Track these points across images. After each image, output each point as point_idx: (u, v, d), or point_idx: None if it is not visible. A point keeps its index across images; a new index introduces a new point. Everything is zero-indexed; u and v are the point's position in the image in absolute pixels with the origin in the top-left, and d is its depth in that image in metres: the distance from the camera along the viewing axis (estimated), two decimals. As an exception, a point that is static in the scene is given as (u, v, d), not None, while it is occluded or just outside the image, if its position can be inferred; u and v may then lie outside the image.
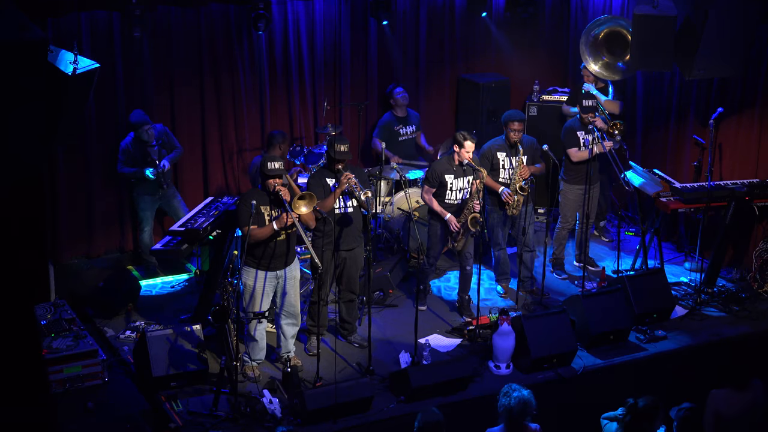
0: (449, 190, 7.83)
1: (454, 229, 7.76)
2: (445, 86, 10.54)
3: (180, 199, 8.91)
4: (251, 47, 9.26)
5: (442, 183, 7.83)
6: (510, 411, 5.59)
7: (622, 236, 9.37)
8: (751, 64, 8.69)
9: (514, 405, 5.58)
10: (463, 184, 7.83)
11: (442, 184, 7.83)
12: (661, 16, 8.00)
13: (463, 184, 7.83)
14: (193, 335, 6.98)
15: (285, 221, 6.71)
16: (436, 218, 7.93)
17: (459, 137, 7.73)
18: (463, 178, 7.82)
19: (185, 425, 6.38)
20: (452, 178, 7.82)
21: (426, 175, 8.06)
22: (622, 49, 9.30)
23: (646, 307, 7.84)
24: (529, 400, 5.61)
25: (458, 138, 7.74)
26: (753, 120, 8.85)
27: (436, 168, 7.88)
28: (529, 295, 8.39)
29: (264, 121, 9.52)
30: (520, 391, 5.64)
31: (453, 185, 7.82)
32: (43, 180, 4.56)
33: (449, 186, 7.82)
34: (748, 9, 8.02)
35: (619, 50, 9.34)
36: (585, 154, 8.52)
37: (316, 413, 6.36)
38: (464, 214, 7.74)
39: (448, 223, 7.79)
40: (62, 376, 6.57)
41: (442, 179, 7.82)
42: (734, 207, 8.30)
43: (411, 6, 10.06)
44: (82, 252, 8.91)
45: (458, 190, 7.84)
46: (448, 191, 7.84)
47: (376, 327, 7.60)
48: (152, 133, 8.48)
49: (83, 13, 8.23)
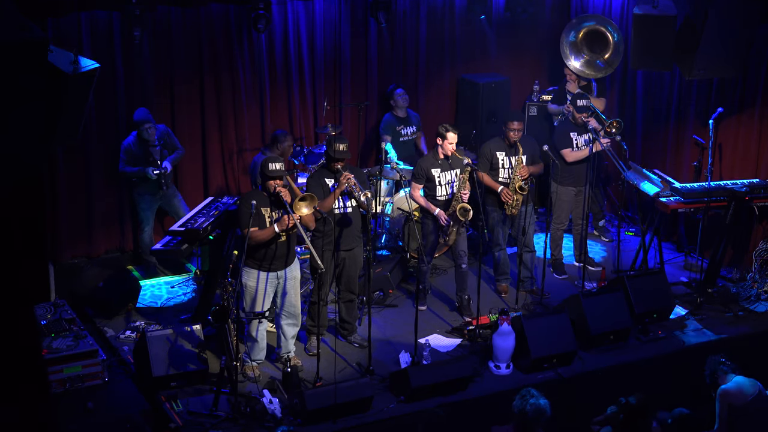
0: (438, 185, 7.84)
1: (443, 223, 7.77)
2: (445, 86, 10.54)
3: (180, 198, 8.92)
4: (251, 47, 9.27)
5: (429, 178, 7.84)
6: (524, 415, 5.58)
7: (622, 236, 9.38)
8: (751, 64, 8.69)
9: (529, 410, 5.55)
10: (450, 177, 7.84)
11: (430, 179, 7.84)
12: (661, 16, 8.01)
13: (450, 177, 7.84)
14: (193, 335, 6.98)
15: (287, 223, 6.71)
16: (427, 215, 7.94)
17: (441, 129, 7.78)
18: (449, 171, 7.84)
19: (185, 425, 6.38)
20: (439, 171, 7.83)
21: (413, 172, 8.08)
22: (602, 47, 9.39)
23: (646, 307, 7.83)
24: (545, 410, 5.58)
25: (440, 131, 7.78)
26: (753, 120, 8.85)
27: (422, 164, 7.90)
28: (529, 295, 8.39)
29: (264, 120, 9.52)
30: (538, 399, 5.59)
31: (440, 179, 7.83)
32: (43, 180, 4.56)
33: (437, 180, 7.83)
34: (748, 9, 8.02)
35: (598, 48, 9.41)
36: (579, 154, 8.53)
37: (316, 413, 6.36)
38: (452, 205, 7.75)
39: (438, 218, 7.80)
40: (62, 376, 6.56)
41: (429, 174, 7.83)
42: (734, 207, 8.30)
43: (411, 6, 10.07)
44: (82, 252, 8.91)
45: (446, 183, 7.85)
46: (437, 186, 7.85)
47: (376, 327, 7.60)
48: (153, 132, 8.48)
49: (83, 13, 8.24)
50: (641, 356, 7.49)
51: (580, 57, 9.50)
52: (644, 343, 7.64)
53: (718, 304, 8.24)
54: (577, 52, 9.50)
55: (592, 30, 9.53)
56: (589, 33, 9.53)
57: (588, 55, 9.43)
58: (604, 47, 9.49)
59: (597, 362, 7.35)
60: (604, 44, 9.50)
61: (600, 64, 9.36)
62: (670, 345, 7.64)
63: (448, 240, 7.89)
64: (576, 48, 9.50)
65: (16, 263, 3.74)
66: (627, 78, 10.13)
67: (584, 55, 9.44)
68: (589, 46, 9.52)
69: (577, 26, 9.67)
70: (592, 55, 9.43)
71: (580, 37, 9.49)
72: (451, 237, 7.87)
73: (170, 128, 8.83)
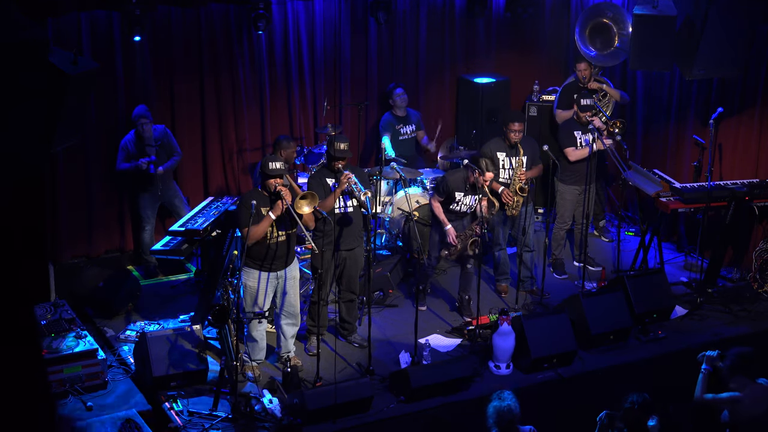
0: (456, 202, 7.88)
1: (452, 242, 7.79)
2: (445, 86, 10.53)
3: (183, 199, 8.91)
4: (251, 47, 9.26)
5: (450, 196, 7.85)
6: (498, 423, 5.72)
7: (622, 236, 9.38)
8: (751, 64, 8.69)
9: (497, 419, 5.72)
10: (471, 201, 7.88)
11: (450, 197, 7.85)
12: (661, 16, 8.00)
13: (470, 201, 7.89)
14: (193, 335, 6.98)
15: (281, 208, 6.68)
16: (438, 224, 7.95)
17: (482, 164, 7.61)
18: (472, 196, 7.86)
19: (185, 425, 6.38)
20: (462, 195, 7.86)
21: (437, 184, 8.06)
22: (610, 37, 9.38)
23: (646, 307, 7.83)
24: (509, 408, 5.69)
25: (481, 164, 7.61)
26: (753, 120, 8.85)
27: (450, 183, 7.83)
28: (529, 295, 8.39)
29: (264, 120, 9.52)
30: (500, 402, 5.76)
31: (461, 200, 7.87)
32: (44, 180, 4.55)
33: (457, 200, 7.87)
34: (749, 9, 8.02)
35: (606, 38, 9.40)
36: (582, 152, 8.52)
37: (316, 413, 6.36)
38: (466, 234, 7.77)
39: (447, 234, 7.82)
40: (62, 376, 6.57)
41: (452, 195, 7.84)
42: (734, 207, 8.30)
43: (411, 6, 10.06)
44: (82, 252, 8.90)
45: (464, 204, 7.89)
46: (455, 203, 7.88)
47: (376, 327, 7.60)
48: (149, 128, 8.46)
49: (83, 13, 8.23)
50: (641, 356, 7.49)
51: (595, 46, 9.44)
52: (644, 343, 7.64)
53: (718, 304, 8.24)
54: (592, 41, 9.43)
55: (597, 23, 9.48)
56: (595, 26, 9.47)
57: (600, 45, 9.38)
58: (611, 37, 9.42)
59: (597, 362, 7.36)
60: (609, 35, 9.42)
61: (609, 54, 9.34)
62: (670, 345, 7.65)
63: (449, 256, 7.93)
64: (589, 38, 9.42)
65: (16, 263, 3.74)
66: (627, 78, 10.12)
67: (597, 44, 9.39)
68: (600, 36, 9.44)
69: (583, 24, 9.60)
70: (604, 45, 9.38)
71: (588, 29, 9.43)
72: (453, 255, 7.94)
73: (170, 128, 8.83)
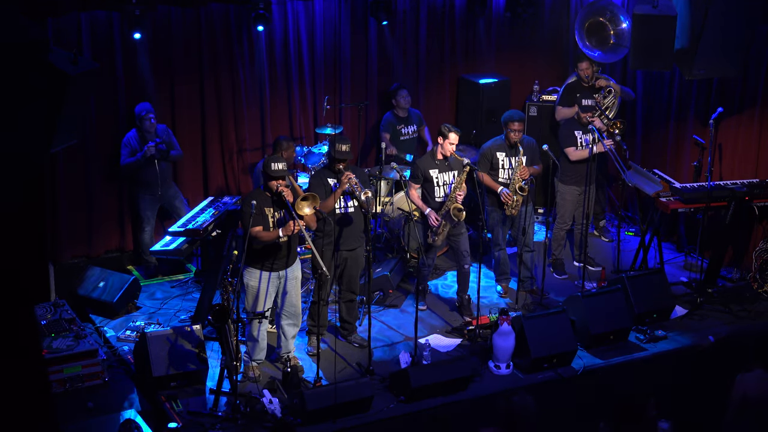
0: (436, 186, 7.83)
1: (433, 224, 7.77)
2: (445, 86, 10.53)
3: (184, 200, 8.90)
4: (251, 47, 9.26)
5: (428, 179, 7.82)
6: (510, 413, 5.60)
7: (622, 236, 9.37)
8: (751, 64, 8.69)
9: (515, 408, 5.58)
10: (448, 178, 7.83)
11: (428, 180, 7.83)
12: (661, 16, 8.00)
13: (448, 178, 7.83)
14: (193, 335, 6.98)
15: (292, 229, 6.69)
16: (422, 214, 7.94)
17: (443, 129, 7.75)
18: (448, 172, 7.82)
19: (185, 425, 6.38)
20: (437, 172, 7.82)
21: (411, 172, 8.06)
22: (605, 36, 9.38)
23: (646, 307, 7.84)
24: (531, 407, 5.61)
25: (442, 130, 7.75)
26: (753, 120, 8.85)
27: (420, 164, 7.88)
28: (529, 295, 8.39)
29: (264, 120, 9.52)
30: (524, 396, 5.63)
31: (438, 180, 7.82)
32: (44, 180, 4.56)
33: (435, 182, 7.82)
34: (748, 9, 8.02)
35: (601, 37, 9.40)
36: (583, 153, 8.53)
37: (316, 413, 6.36)
38: (446, 205, 7.74)
39: (428, 217, 7.79)
40: (62, 376, 6.57)
41: (427, 175, 7.81)
42: (734, 207, 8.30)
43: (411, 6, 10.06)
44: (82, 252, 8.90)
45: (444, 184, 7.83)
46: (436, 187, 7.84)
47: (376, 327, 7.60)
48: (154, 122, 8.47)
49: (83, 13, 8.23)
50: (641, 356, 7.49)
51: (593, 43, 9.43)
52: (644, 343, 7.64)
53: (718, 304, 8.24)
54: (590, 38, 9.43)
55: (593, 22, 9.47)
56: (592, 24, 9.47)
57: (597, 42, 9.37)
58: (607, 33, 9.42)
59: (597, 362, 7.36)
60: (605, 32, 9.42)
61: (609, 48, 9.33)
62: (670, 345, 7.65)
63: (436, 240, 7.88)
64: (587, 35, 9.42)
65: (16, 263, 3.74)
66: (627, 78, 10.12)
67: (594, 40, 9.38)
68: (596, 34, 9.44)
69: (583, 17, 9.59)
70: (601, 41, 9.37)
71: (586, 27, 9.43)
72: (439, 238, 7.86)
73: (170, 129, 8.83)
